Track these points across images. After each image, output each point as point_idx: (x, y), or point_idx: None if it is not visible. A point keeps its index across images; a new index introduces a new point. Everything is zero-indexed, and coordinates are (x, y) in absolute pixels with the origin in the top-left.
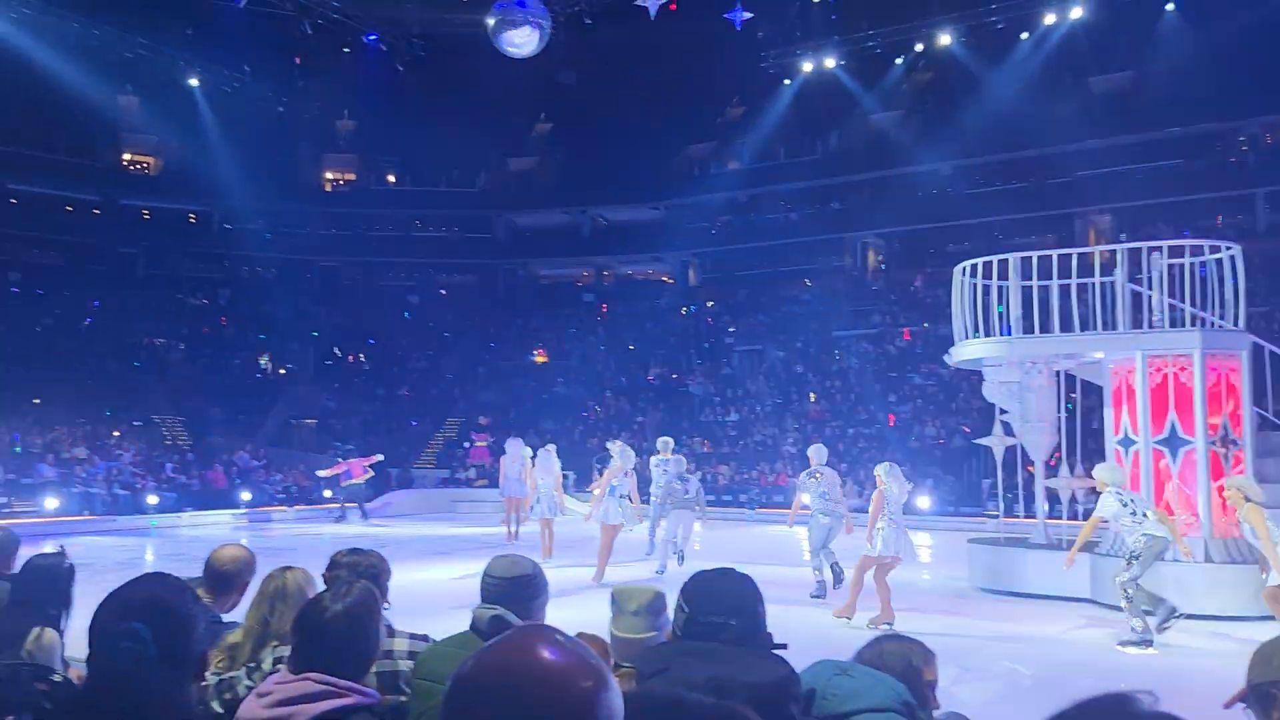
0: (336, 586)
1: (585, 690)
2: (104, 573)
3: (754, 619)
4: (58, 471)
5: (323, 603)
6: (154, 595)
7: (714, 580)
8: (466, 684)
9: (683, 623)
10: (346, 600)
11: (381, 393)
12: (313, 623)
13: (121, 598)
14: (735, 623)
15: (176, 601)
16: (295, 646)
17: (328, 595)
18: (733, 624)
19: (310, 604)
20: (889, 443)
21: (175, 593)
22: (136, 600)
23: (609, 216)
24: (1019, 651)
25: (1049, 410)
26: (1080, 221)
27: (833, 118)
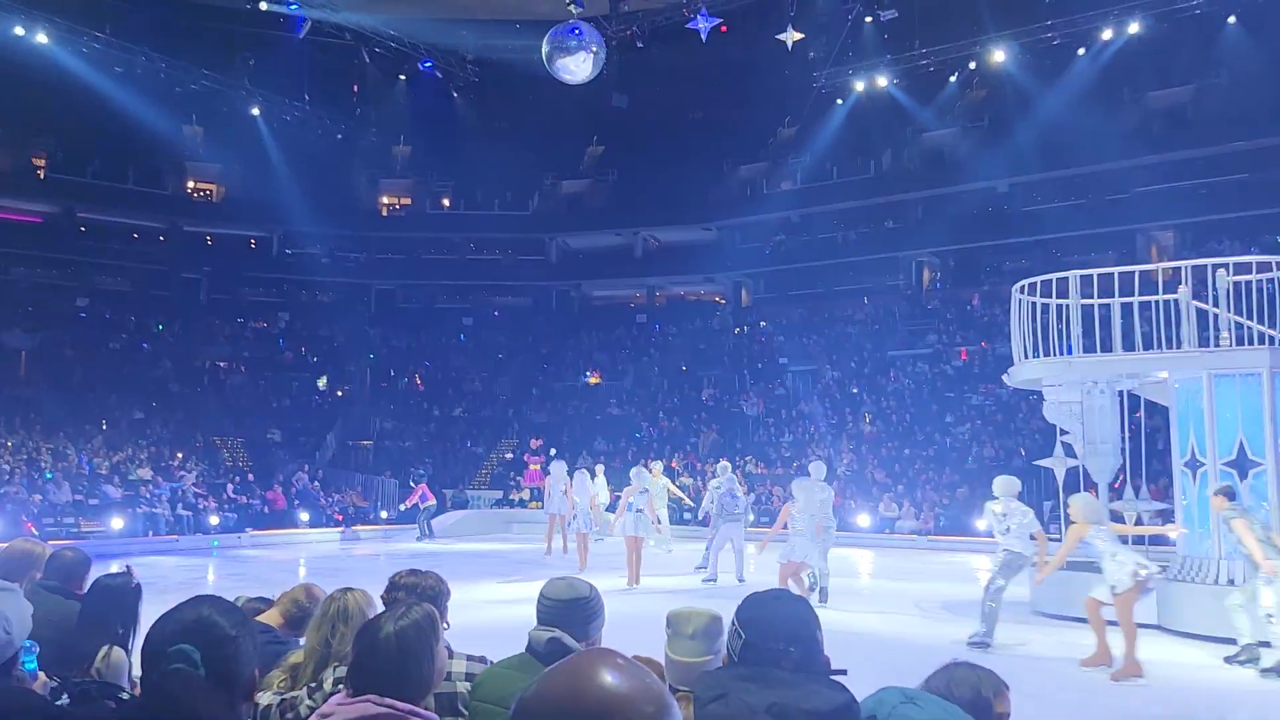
0: (395, 608)
1: (648, 715)
2: (167, 593)
3: (812, 644)
4: (123, 492)
5: (380, 624)
6: (202, 617)
7: (770, 604)
8: (531, 708)
9: (740, 648)
10: (403, 622)
11: (437, 414)
12: (370, 644)
13: (172, 619)
14: (794, 649)
15: (226, 623)
16: (353, 667)
17: (385, 616)
18: (792, 651)
19: (368, 625)
20: (946, 464)
21: (224, 614)
22: (186, 621)
23: (661, 237)
24: (1086, 678)
25: (1111, 431)
26: (1141, 238)
27: (886, 136)
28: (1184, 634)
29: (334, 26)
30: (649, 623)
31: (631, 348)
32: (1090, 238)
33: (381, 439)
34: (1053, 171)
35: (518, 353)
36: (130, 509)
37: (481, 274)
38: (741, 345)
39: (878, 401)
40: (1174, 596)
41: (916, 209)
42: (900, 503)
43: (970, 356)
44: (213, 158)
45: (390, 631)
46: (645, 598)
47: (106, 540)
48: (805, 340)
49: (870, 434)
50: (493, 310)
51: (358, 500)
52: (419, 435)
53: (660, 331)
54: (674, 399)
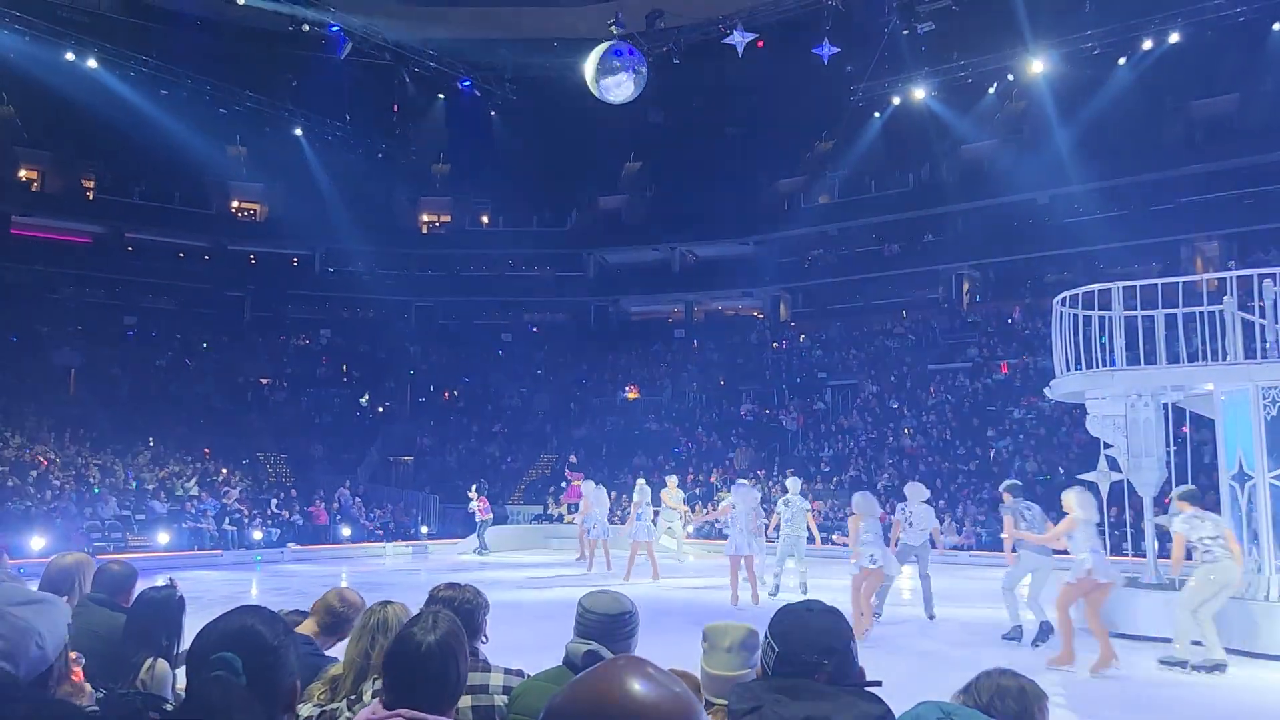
0: (423, 620)
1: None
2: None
3: (846, 656)
4: (169, 507)
5: (410, 635)
6: (245, 626)
7: (803, 616)
8: (559, 714)
9: (774, 661)
10: (431, 636)
11: (476, 430)
12: (401, 656)
13: (216, 628)
14: (828, 662)
15: (268, 632)
16: (386, 681)
17: (415, 628)
18: (826, 664)
19: (399, 637)
20: (988, 479)
21: (267, 624)
22: (229, 630)
23: (699, 252)
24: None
25: (1156, 445)
26: (1186, 249)
27: (924, 148)
28: (1234, 651)
29: (374, 47)
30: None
31: (669, 363)
32: (1133, 249)
33: (422, 455)
34: (1094, 182)
35: (556, 368)
36: (176, 524)
37: (520, 290)
38: (780, 360)
39: (918, 416)
40: (1222, 614)
41: (956, 221)
42: (941, 518)
43: (1011, 370)
44: (256, 178)
45: (421, 643)
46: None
47: (153, 555)
48: (844, 354)
49: (910, 448)
50: (531, 326)
51: (399, 515)
52: (459, 451)
53: (698, 346)
54: (712, 414)
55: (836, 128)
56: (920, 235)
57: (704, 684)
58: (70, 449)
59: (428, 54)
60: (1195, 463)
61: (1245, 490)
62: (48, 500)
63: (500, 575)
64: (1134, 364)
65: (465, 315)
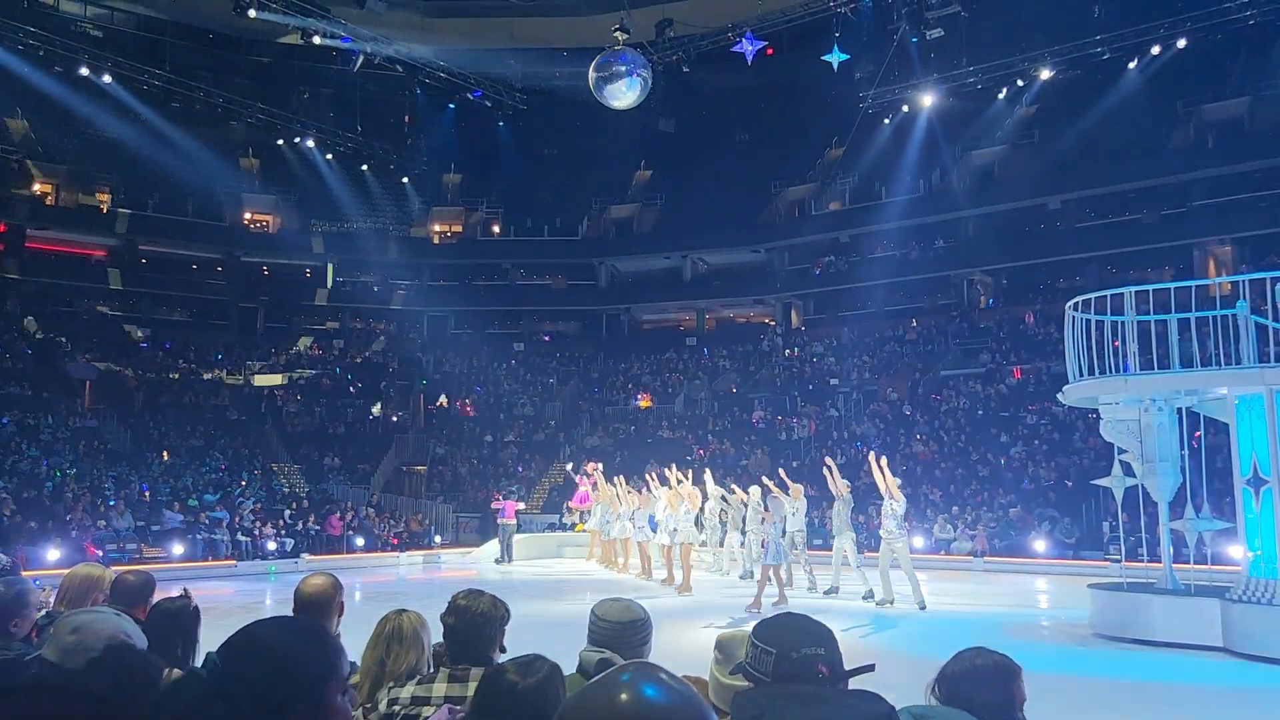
0: (523, 663)
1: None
2: (226, 617)
3: (836, 644)
4: (183, 519)
5: (507, 675)
6: (254, 634)
7: (787, 620)
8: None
9: (771, 665)
10: (531, 679)
11: (489, 439)
12: (499, 694)
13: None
14: (824, 650)
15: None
16: (476, 712)
17: (512, 670)
18: (822, 652)
19: (495, 673)
20: (1001, 484)
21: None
22: (234, 640)
23: (710, 260)
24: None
25: (1171, 449)
26: (1199, 253)
27: (934, 154)
28: (1251, 656)
29: (385, 59)
30: None
31: (681, 371)
32: (1146, 253)
33: (435, 464)
34: (1106, 187)
35: (569, 377)
36: (190, 535)
37: (532, 299)
38: (792, 367)
39: (931, 422)
40: (1239, 619)
41: (967, 227)
42: (955, 524)
43: (1025, 375)
44: (268, 189)
45: (522, 688)
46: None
47: (168, 566)
48: (857, 361)
49: (924, 455)
50: (543, 335)
51: (413, 525)
52: (471, 460)
53: (710, 354)
54: (725, 421)
55: (846, 134)
56: (932, 241)
57: (715, 694)
58: (85, 460)
59: (438, 65)
60: (1209, 467)
61: (1260, 494)
62: (62, 512)
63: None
64: (1147, 369)
65: (477, 325)
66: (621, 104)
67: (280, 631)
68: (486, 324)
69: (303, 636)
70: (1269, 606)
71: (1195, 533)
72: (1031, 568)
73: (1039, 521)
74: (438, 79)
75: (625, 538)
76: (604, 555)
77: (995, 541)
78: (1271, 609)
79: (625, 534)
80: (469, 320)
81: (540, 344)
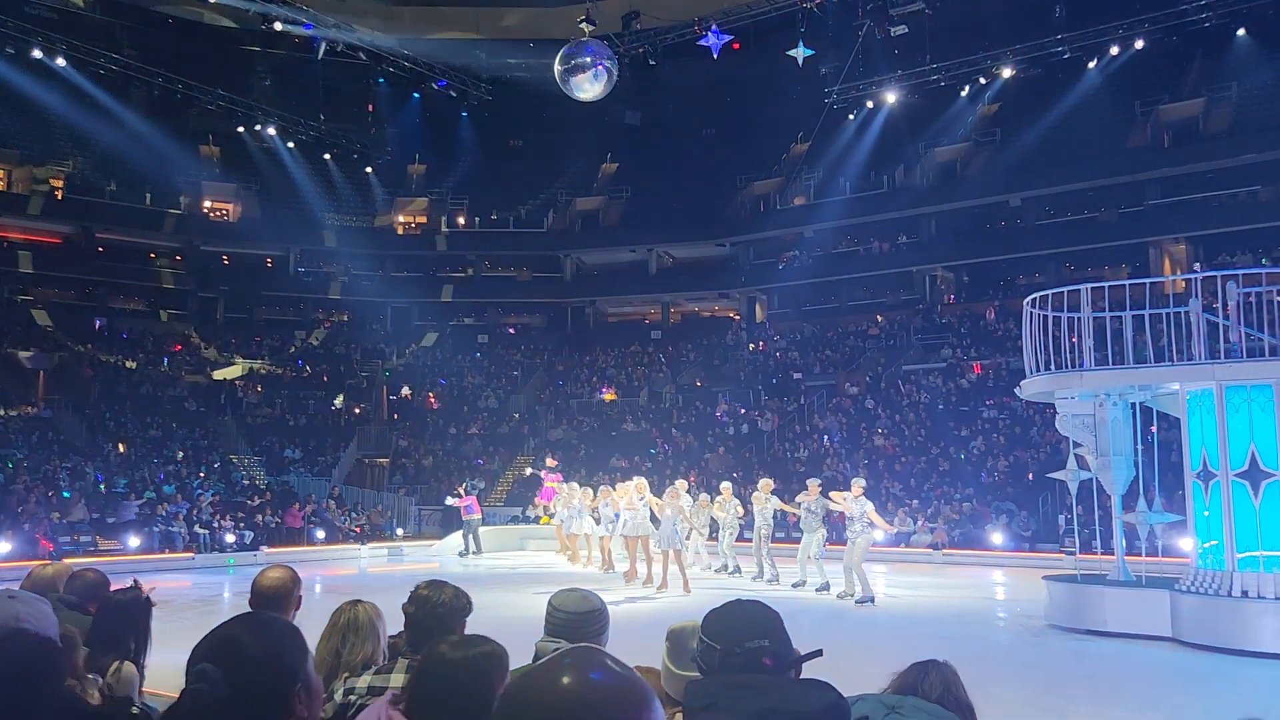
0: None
1: (629, 707)
2: (182, 610)
3: (783, 634)
4: (139, 511)
5: (441, 650)
6: (231, 638)
7: (733, 610)
8: (515, 700)
9: (717, 659)
10: (469, 652)
11: (453, 431)
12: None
13: (202, 642)
14: (769, 642)
15: (254, 643)
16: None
17: (448, 644)
18: (767, 644)
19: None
20: (960, 478)
21: (255, 634)
22: (213, 643)
23: (675, 254)
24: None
25: (1125, 443)
26: (1155, 251)
27: (898, 151)
28: (1198, 645)
29: (349, 47)
30: None
31: (646, 364)
32: (1103, 251)
33: (398, 457)
34: (1064, 185)
35: (533, 370)
36: (147, 527)
37: (496, 291)
38: (756, 361)
39: (892, 416)
40: (1187, 609)
41: (929, 223)
42: (915, 517)
43: (984, 370)
44: (229, 177)
45: (453, 659)
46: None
47: (124, 559)
48: (820, 355)
49: (885, 448)
50: (508, 327)
51: (375, 518)
52: (435, 453)
53: (675, 348)
54: (689, 415)
55: (811, 130)
56: (894, 237)
57: (667, 684)
58: (38, 451)
59: (402, 54)
60: (1162, 461)
61: (1209, 488)
62: (14, 504)
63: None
64: (1102, 364)
65: (441, 316)
66: (587, 96)
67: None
68: (450, 315)
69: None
70: (1215, 598)
71: (1147, 525)
72: (989, 560)
73: (996, 515)
74: (402, 68)
75: (586, 533)
76: (563, 549)
77: (954, 534)
78: (1218, 600)
79: (585, 529)
80: (433, 311)
81: (505, 336)
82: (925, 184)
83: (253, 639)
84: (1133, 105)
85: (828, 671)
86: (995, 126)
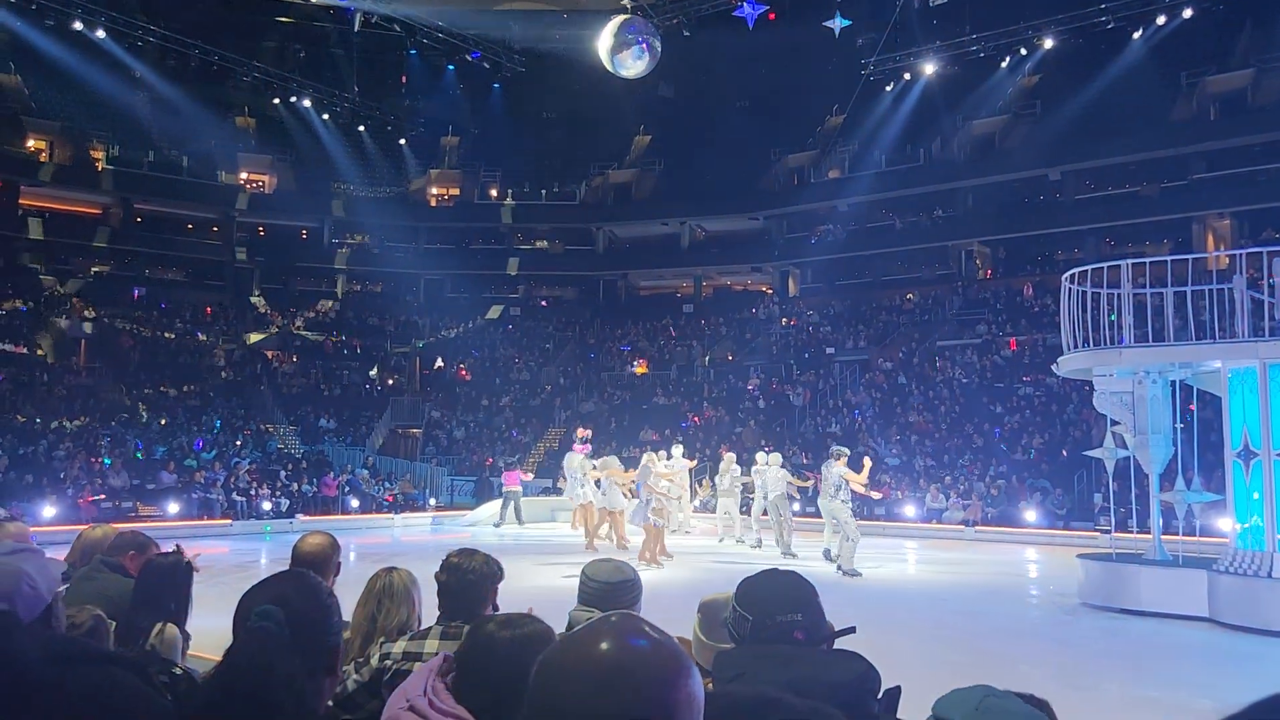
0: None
1: (667, 674)
2: (222, 575)
3: (817, 609)
4: (178, 478)
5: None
6: (289, 588)
7: (766, 581)
8: (552, 665)
9: (749, 630)
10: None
11: (485, 403)
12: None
13: (260, 589)
14: (801, 616)
15: (311, 595)
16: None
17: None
18: (799, 618)
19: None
20: (994, 454)
21: (311, 587)
22: (273, 591)
23: (708, 227)
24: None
25: (1164, 422)
26: (1197, 226)
27: (935, 123)
28: (1235, 626)
29: (383, 18)
30: None
31: (678, 338)
32: (1145, 226)
33: (430, 428)
34: (1106, 159)
35: (565, 343)
36: (186, 494)
37: (529, 264)
38: (788, 335)
39: (925, 392)
40: (1225, 590)
41: (966, 197)
42: (947, 493)
43: (1020, 347)
44: (264, 149)
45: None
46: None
47: (163, 525)
48: (853, 330)
49: (918, 424)
50: (540, 300)
51: (406, 487)
52: (467, 424)
53: (707, 322)
54: (720, 389)
55: (847, 102)
56: (930, 211)
57: (698, 654)
58: (81, 418)
59: (436, 26)
60: (1201, 440)
61: (1250, 467)
62: (57, 469)
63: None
64: (1142, 341)
65: (474, 289)
66: (631, 73)
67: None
68: (483, 288)
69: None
70: (1255, 578)
71: (1185, 505)
72: (1022, 538)
73: (1030, 492)
74: (436, 39)
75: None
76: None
77: (988, 512)
78: (1257, 580)
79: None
80: (465, 284)
81: (537, 309)
82: (963, 157)
83: (312, 592)
84: (1178, 76)
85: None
86: (1035, 98)
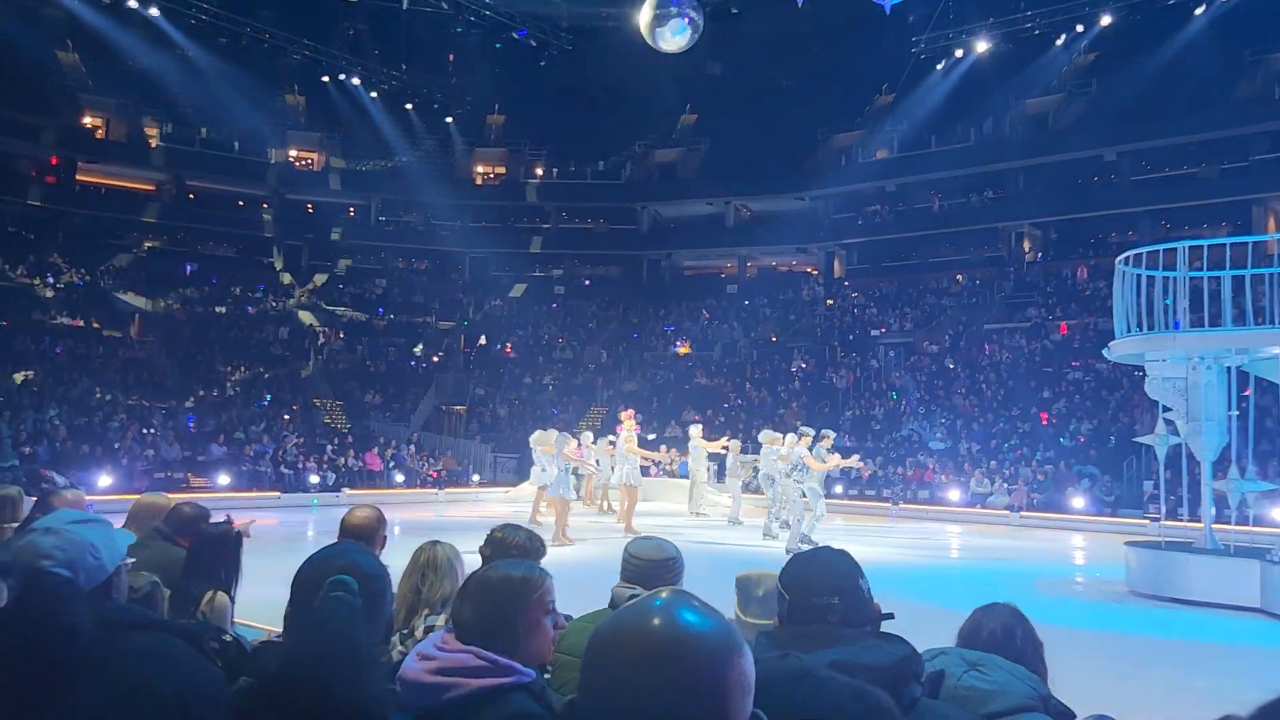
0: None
1: (720, 652)
2: (270, 545)
3: (856, 593)
4: (227, 451)
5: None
6: (352, 559)
7: (810, 562)
8: (605, 640)
9: (786, 610)
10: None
11: (528, 381)
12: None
13: (325, 558)
14: (839, 600)
15: (371, 565)
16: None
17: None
18: (836, 602)
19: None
20: (1041, 440)
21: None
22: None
23: (753, 207)
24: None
25: (1218, 409)
26: (1258, 209)
27: (987, 102)
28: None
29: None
30: None
31: (722, 318)
32: (1203, 208)
33: (475, 405)
34: (1163, 139)
35: (608, 321)
36: (235, 466)
37: (573, 243)
38: (833, 317)
39: (972, 375)
40: (1279, 581)
41: (1017, 178)
42: (992, 478)
43: (1071, 331)
44: (313, 126)
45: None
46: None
47: (213, 496)
48: (899, 312)
49: (963, 407)
50: (584, 279)
51: (449, 463)
52: (511, 402)
53: (751, 302)
54: (763, 370)
55: (896, 80)
56: (980, 192)
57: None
58: (135, 392)
59: (484, 3)
60: (1257, 427)
61: None
62: (112, 440)
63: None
64: (1198, 326)
65: (519, 267)
66: (672, 47)
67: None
68: (528, 266)
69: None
70: None
71: (1238, 493)
72: (1068, 524)
73: (1078, 478)
74: (483, 17)
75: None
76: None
77: (1034, 498)
78: None
79: None
80: (510, 261)
81: (581, 287)
82: (1015, 137)
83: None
84: (1242, 53)
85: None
86: (1091, 76)
